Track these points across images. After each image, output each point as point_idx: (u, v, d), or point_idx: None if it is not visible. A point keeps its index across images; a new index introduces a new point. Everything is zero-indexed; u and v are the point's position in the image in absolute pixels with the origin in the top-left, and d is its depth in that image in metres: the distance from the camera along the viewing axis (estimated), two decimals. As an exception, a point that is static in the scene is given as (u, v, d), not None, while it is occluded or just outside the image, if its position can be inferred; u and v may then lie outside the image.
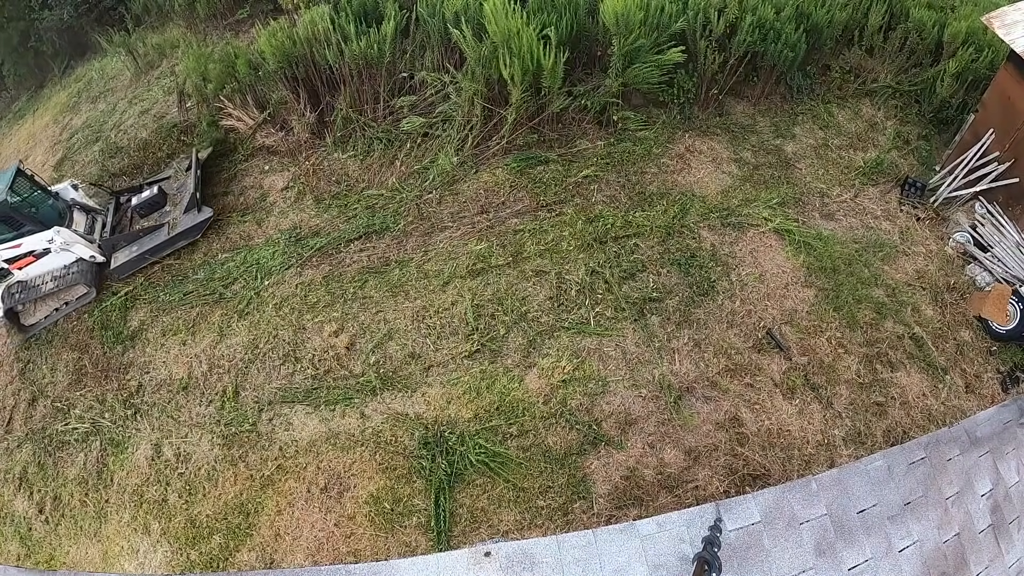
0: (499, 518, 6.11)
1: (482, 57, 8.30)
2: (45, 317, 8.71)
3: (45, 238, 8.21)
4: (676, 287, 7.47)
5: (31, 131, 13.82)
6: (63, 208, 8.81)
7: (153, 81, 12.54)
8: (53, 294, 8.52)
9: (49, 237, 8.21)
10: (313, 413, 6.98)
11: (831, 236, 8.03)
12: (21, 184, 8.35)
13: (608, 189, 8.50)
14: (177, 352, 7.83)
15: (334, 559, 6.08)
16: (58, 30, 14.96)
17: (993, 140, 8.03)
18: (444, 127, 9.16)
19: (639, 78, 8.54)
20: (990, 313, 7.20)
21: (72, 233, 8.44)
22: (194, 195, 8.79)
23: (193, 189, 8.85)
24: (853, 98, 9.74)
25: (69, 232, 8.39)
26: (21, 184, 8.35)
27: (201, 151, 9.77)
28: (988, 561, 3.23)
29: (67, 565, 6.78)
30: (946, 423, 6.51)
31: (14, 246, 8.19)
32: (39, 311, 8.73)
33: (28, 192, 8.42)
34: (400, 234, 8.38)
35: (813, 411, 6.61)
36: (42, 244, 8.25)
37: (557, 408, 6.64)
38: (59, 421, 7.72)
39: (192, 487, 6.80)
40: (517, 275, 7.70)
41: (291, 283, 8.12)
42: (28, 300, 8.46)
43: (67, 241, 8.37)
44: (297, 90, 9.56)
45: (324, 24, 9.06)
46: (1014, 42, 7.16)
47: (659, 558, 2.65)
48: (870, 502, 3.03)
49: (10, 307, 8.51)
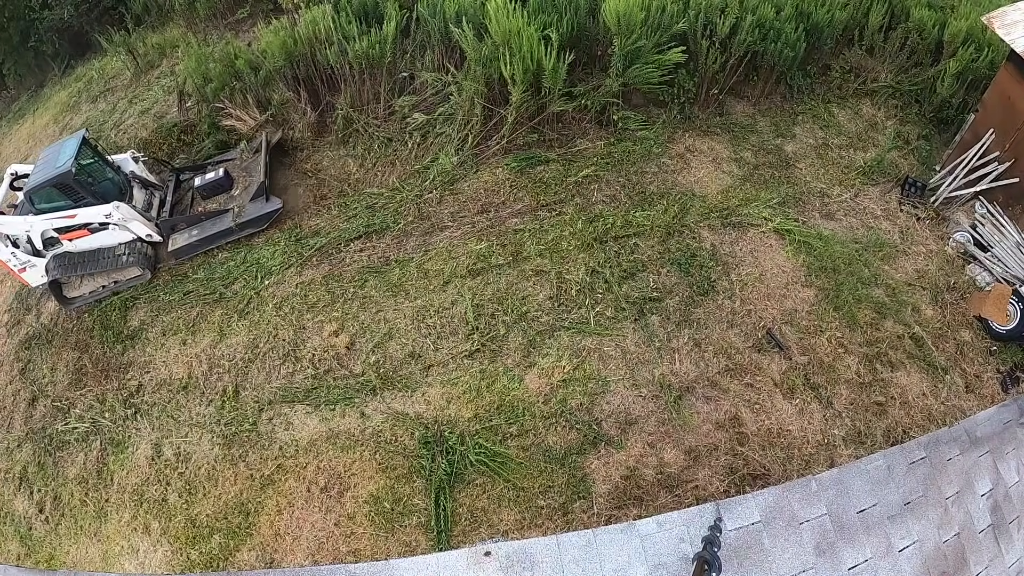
0: (499, 518, 6.11)
1: (483, 57, 8.30)
2: (90, 292, 8.41)
3: (103, 212, 7.87)
4: (676, 287, 7.47)
5: (31, 131, 13.82)
6: (123, 182, 8.44)
7: (153, 81, 12.54)
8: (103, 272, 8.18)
9: (107, 211, 7.87)
10: (313, 413, 6.98)
11: (831, 236, 8.03)
12: (85, 154, 8.04)
13: (608, 189, 8.50)
14: (177, 352, 7.83)
15: (334, 559, 6.08)
16: (58, 30, 14.95)
17: (993, 140, 8.03)
18: (444, 126, 9.16)
19: (639, 78, 8.54)
20: (990, 313, 7.20)
21: (131, 209, 8.07)
22: (263, 183, 8.32)
23: (263, 176, 8.37)
24: (853, 98, 9.74)
25: (128, 208, 8.02)
26: (85, 154, 8.04)
27: (272, 134, 9.15)
28: (988, 561, 3.23)
29: (67, 565, 6.78)
30: (946, 423, 6.51)
31: (69, 216, 7.86)
32: (85, 286, 8.41)
33: (91, 161, 8.11)
34: (400, 233, 8.38)
35: (813, 411, 6.61)
36: (99, 218, 7.92)
37: (557, 408, 6.64)
38: (59, 421, 7.72)
39: (192, 487, 6.80)
40: (517, 275, 7.70)
41: (291, 283, 8.12)
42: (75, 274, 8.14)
43: (125, 217, 8.00)
44: (298, 90, 9.55)
45: (325, 23, 9.06)
46: (1014, 42, 7.15)
47: (659, 558, 2.65)
48: (870, 502, 3.02)
49: (55, 278, 8.20)
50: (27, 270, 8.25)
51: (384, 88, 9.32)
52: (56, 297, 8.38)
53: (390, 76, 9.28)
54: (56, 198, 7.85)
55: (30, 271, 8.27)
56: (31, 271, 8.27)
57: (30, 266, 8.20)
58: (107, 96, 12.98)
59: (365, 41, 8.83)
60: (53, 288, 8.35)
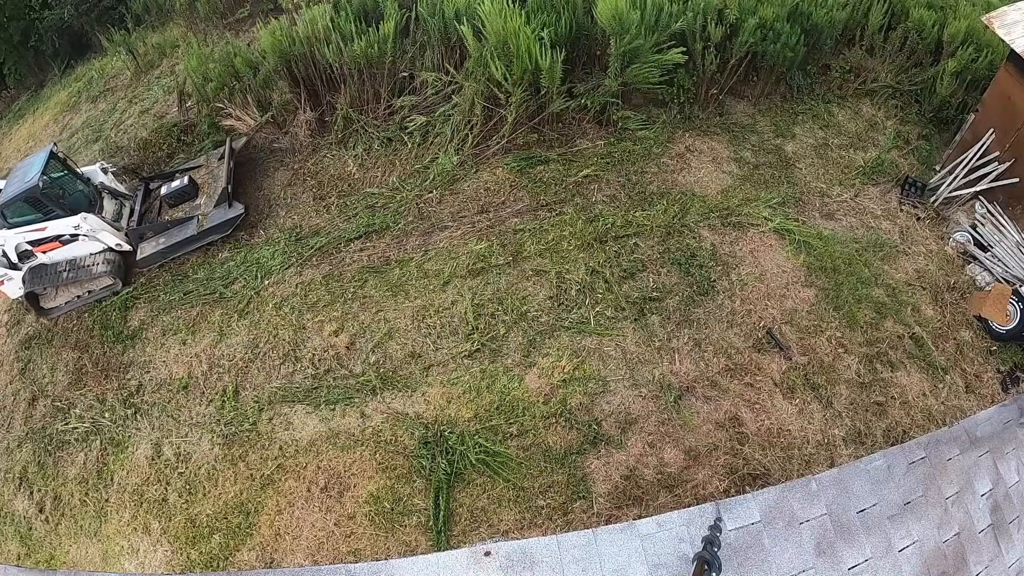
0: (499, 517, 6.11)
1: (483, 56, 8.30)
2: (66, 303, 8.52)
3: (71, 224, 7.98)
4: (676, 286, 7.47)
5: (31, 130, 13.82)
6: (92, 193, 8.55)
7: (153, 81, 12.54)
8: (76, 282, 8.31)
9: (76, 223, 7.99)
10: (313, 412, 6.98)
11: (831, 236, 8.03)
12: (53, 167, 8.13)
13: (608, 188, 8.50)
14: (177, 351, 7.83)
15: (334, 559, 6.09)
16: (58, 29, 14.95)
17: (993, 140, 8.03)
18: (444, 127, 9.15)
19: (639, 78, 8.54)
20: (990, 313, 7.20)
21: (99, 220, 8.19)
22: (225, 189, 8.42)
23: (225, 182, 8.47)
24: (853, 98, 9.74)
25: (96, 219, 8.14)
26: (53, 167, 8.13)
27: (236, 140, 9.27)
28: (988, 561, 3.23)
29: (67, 564, 6.78)
30: (946, 423, 6.51)
31: (39, 229, 7.97)
32: (60, 296, 8.53)
33: (60, 175, 8.20)
34: (400, 233, 8.38)
35: (813, 411, 6.61)
36: (68, 230, 8.02)
37: (557, 408, 6.64)
38: (59, 420, 7.72)
39: (192, 487, 6.80)
40: (517, 274, 7.70)
41: (291, 282, 8.12)
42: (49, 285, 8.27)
43: (93, 228, 8.12)
44: (298, 89, 9.55)
45: (324, 23, 9.06)
46: (1014, 42, 7.16)
47: (659, 558, 2.65)
48: (870, 502, 3.03)
49: (31, 290, 8.32)
50: (5, 283, 8.42)
51: (384, 88, 9.32)
52: (34, 308, 8.54)
53: (390, 76, 9.28)
54: (27, 212, 7.97)
55: (8, 284, 8.43)
56: (9, 284, 8.43)
57: (8, 279, 8.37)
58: (107, 96, 12.98)
59: (364, 41, 8.83)
60: (30, 300, 8.50)
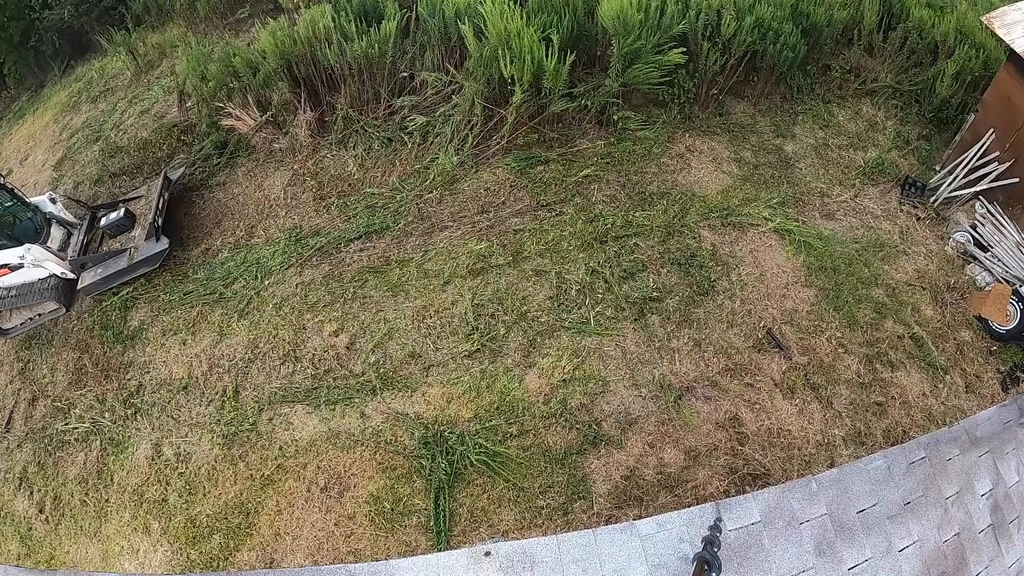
0: (499, 518, 6.11)
1: (483, 56, 8.30)
2: (21, 324, 8.74)
3: (16, 254, 8.09)
4: (676, 287, 7.47)
5: (31, 131, 13.81)
6: (40, 223, 8.62)
7: (153, 81, 12.54)
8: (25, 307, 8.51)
9: (20, 254, 8.09)
10: (313, 413, 6.98)
11: (831, 236, 8.03)
12: (2, 196, 8.21)
13: (608, 189, 8.50)
14: (177, 352, 7.83)
15: (334, 559, 6.09)
16: (58, 30, 14.92)
17: (993, 140, 8.03)
18: (444, 127, 9.16)
19: (639, 78, 8.54)
20: (990, 313, 7.21)
21: (43, 251, 8.28)
22: (153, 223, 8.42)
23: (152, 216, 8.47)
24: (853, 98, 9.74)
25: (40, 249, 8.23)
26: (2, 196, 8.21)
27: (172, 171, 9.30)
28: (988, 561, 3.23)
29: (67, 565, 6.78)
30: (946, 423, 6.51)
31: None
32: (15, 318, 8.76)
33: (9, 204, 8.30)
34: (400, 233, 8.38)
35: (813, 411, 6.62)
36: (14, 259, 8.15)
37: (557, 408, 6.65)
38: (59, 421, 7.72)
39: (192, 487, 6.80)
40: (517, 275, 7.70)
41: (291, 282, 8.12)
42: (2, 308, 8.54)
43: (38, 258, 8.24)
44: (298, 90, 9.55)
45: (324, 23, 9.06)
46: (1014, 42, 7.15)
47: (659, 558, 2.65)
48: (870, 502, 3.03)
49: None
50: None
51: (384, 88, 9.33)
52: None
53: (390, 76, 9.28)
54: None
55: None
56: None
57: None
58: (107, 96, 12.97)
59: (364, 41, 8.83)
60: None
